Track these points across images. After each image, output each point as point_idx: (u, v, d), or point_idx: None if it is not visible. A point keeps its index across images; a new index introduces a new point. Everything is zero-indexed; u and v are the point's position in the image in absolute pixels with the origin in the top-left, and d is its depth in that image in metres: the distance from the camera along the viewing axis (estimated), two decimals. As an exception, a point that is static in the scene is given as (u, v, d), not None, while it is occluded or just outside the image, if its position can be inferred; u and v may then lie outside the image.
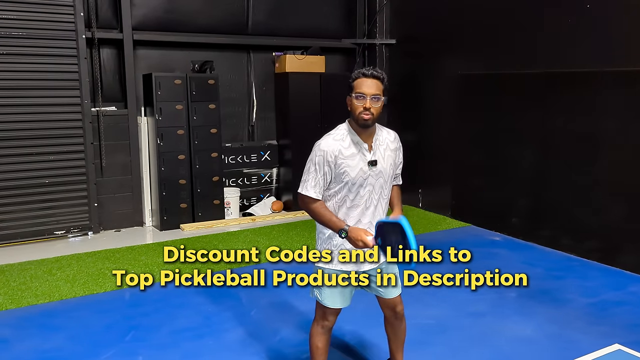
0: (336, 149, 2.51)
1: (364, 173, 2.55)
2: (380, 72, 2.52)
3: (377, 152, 2.60)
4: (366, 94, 2.48)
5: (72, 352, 3.43)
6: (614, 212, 4.98)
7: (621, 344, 3.49)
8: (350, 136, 2.55)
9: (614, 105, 4.92)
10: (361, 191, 2.57)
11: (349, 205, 2.58)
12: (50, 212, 5.90)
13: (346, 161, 2.52)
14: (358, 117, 2.49)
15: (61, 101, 5.84)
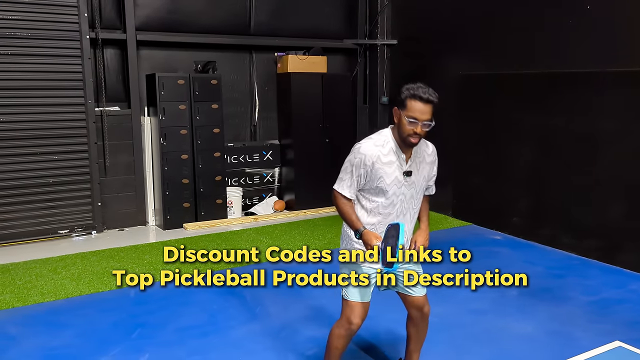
0: (375, 154, 2.57)
1: (399, 182, 2.62)
2: (435, 96, 2.54)
3: (414, 163, 2.67)
4: (419, 119, 2.51)
5: (80, 349, 3.47)
6: (613, 211, 5.02)
7: (622, 341, 3.53)
8: (391, 144, 2.61)
9: (613, 106, 4.97)
10: (395, 199, 2.64)
11: (383, 212, 2.65)
12: (54, 211, 5.94)
13: (384, 168, 2.59)
14: (406, 138, 2.55)
15: (65, 101, 5.89)
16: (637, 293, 4.39)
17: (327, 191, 7.84)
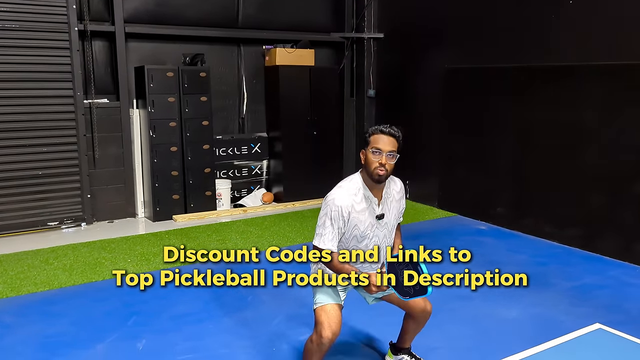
0: (349, 204, 2.62)
1: (372, 226, 2.69)
2: (397, 130, 2.63)
3: (385, 205, 2.73)
4: (383, 150, 2.58)
5: (76, 336, 3.52)
6: (594, 201, 5.19)
7: (601, 324, 3.68)
8: (363, 191, 2.67)
9: (594, 98, 5.12)
10: (368, 242, 2.72)
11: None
12: (43, 203, 5.95)
13: (358, 216, 2.65)
14: (373, 171, 2.60)
15: (54, 93, 5.88)
16: (616, 279, 4.55)
17: (315, 183, 7.96)
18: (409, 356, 3.11)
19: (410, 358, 3.11)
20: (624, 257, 4.93)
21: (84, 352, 3.34)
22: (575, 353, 3.35)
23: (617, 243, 5.01)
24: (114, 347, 3.40)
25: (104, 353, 3.33)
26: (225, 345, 3.43)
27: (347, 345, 3.44)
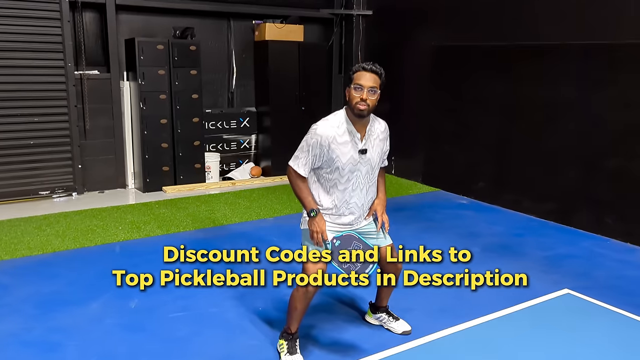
0: (331, 135, 2.73)
1: (354, 160, 2.78)
2: (379, 68, 2.74)
3: (368, 141, 2.83)
4: (364, 85, 2.68)
5: (71, 295, 3.68)
6: (570, 177, 5.40)
7: (570, 289, 3.91)
8: (346, 124, 2.77)
9: (574, 77, 5.30)
10: (350, 176, 2.81)
11: (340, 188, 2.83)
12: (34, 172, 6.05)
13: (339, 148, 2.74)
14: (355, 106, 2.70)
15: (45, 64, 5.94)
16: (587, 249, 4.79)
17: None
18: (386, 314, 3.30)
19: (387, 316, 3.30)
20: (596, 230, 5.17)
21: (79, 309, 3.50)
22: (544, 315, 3.57)
23: (590, 217, 5.24)
24: (107, 305, 3.57)
25: (99, 310, 3.50)
26: (214, 304, 3.60)
27: (329, 305, 3.63)
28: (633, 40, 4.80)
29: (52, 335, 3.18)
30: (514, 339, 3.23)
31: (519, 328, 3.37)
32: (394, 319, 3.30)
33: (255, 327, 3.31)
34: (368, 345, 3.13)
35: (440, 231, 5.23)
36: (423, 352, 3.09)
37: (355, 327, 3.36)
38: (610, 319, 3.50)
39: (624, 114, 4.92)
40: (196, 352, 3.02)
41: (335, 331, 3.28)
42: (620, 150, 4.97)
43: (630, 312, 3.56)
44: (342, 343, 3.16)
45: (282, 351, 2.94)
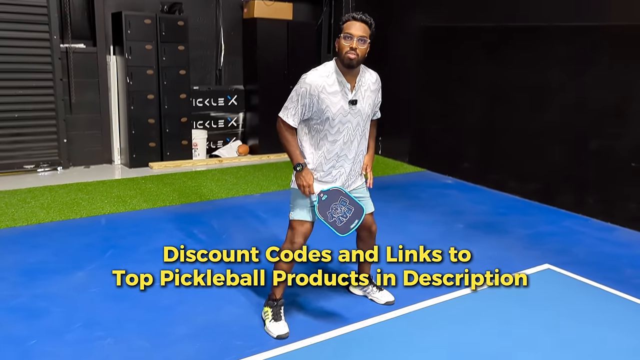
0: (320, 84, 2.69)
1: (344, 111, 2.75)
2: (369, 18, 2.71)
3: (359, 92, 2.80)
4: (354, 35, 2.65)
5: (57, 265, 3.68)
6: (554, 158, 5.48)
7: (550, 264, 3.99)
8: (335, 75, 2.73)
9: (560, 58, 5.35)
10: (340, 127, 2.77)
11: (330, 140, 2.79)
12: (19, 146, 5.99)
13: (329, 97, 2.70)
14: (344, 56, 2.66)
15: (29, 35, 5.86)
16: (568, 228, 4.88)
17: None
18: (370, 284, 3.35)
19: (371, 286, 3.35)
20: (578, 210, 5.26)
21: (64, 277, 3.51)
22: (524, 287, 3.63)
23: (572, 197, 5.32)
24: (92, 274, 3.57)
25: (84, 279, 3.50)
26: (200, 275, 3.62)
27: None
28: (618, 23, 4.85)
29: (37, 301, 3.18)
30: (496, 311, 3.29)
31: (500, 300, 3.43)
32: (378, 289, 3.35)
33: (240, 296, 3.34)
34: (351, 313, 3.18)
35: (425, 209, 5.28)
36: (405, 321, 3.14)
37: (340, 296, 3.40)
38: (589, 293, 3.58)
39: (605, 95, 4.98)
40: (181, 320, 3.05)
41: (319, 300, 3.32)
42: (602, 131, 5.04)
43: (608, 287, 3.65)
44: (326, 311, 3.20)
45: (266, 318, 2.97)
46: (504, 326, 3.11)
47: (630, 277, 3.83)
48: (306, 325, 3.03)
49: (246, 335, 2.91)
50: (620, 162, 4.91)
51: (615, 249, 4.40)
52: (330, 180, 2.88)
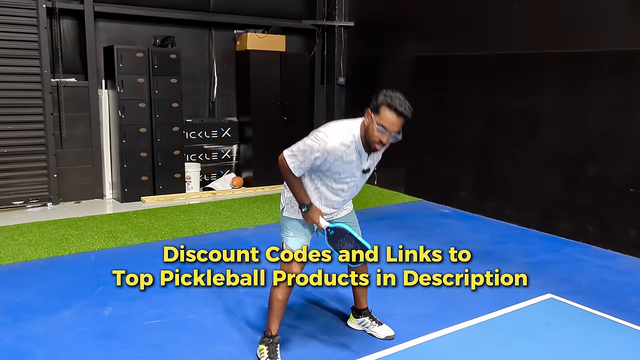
0: (339, 154, 2.57)
1: (355, 176, 2.73)
2: (410, 111, 2.56)
3: (371, 159, 2.76)
4: (389, 129, 2.53)
5: (44, 303, 3.55)
6: (551, 185, 5.42)
7: (553, 294, 3.89)
8: (355, 145, 2.61)
9: (551, 86, 5.35)
10: (345, 187, 2.75)
11: (332, 192, 2.74)
12: (8, 181, 5.89)
13: (343, 166, 2.63)
14: (371, 143, 2.57)
15: (20, 70, 5.83)
16: (569, 256, 4.78)
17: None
18: (369, 318, 3.23)
19: (370, 320, 3.23)
20: (578, 237, 5.17)
21: (51, 317, 3.37)
22: (528, 318, 3.53)
23: (571, 224, 5.25)
24: (81, 312, 3.44)
25: (71, 318, 3.36)
26: (193, 312, 3.50)
27: (311, 309, 3.55)
28: (607, 49, 4.86)
29: (21, 343, 3.04)
30: (499, 344, 3.17)
31: (503, 332, 3.32)
32: (377, 323, 3.23)
33: (234, 334, 3.21)
34: (349, 350, 3.05)
35: (423, 239, 5.18)
36: (406, 356, 3.02)
37: (338, 331, 3.28)
38: (594, 323, 3.48)
39: (601, 121, 4.96)
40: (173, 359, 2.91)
41: (316, 336, 3.20)
42: (598, 157, 5.00)
43: (612, 316, 3.55)
44: (324, 348, 3.07)
45: (262, 356, 2.85)
46: (505, 359, 2.99)
47: (635, 306, 3.74)
48: (304, 363, 2.90)
49: (240, 375, 2.77)
50: (618, 188, 4.86)
51: (618, 276, 4.31)
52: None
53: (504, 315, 3.56)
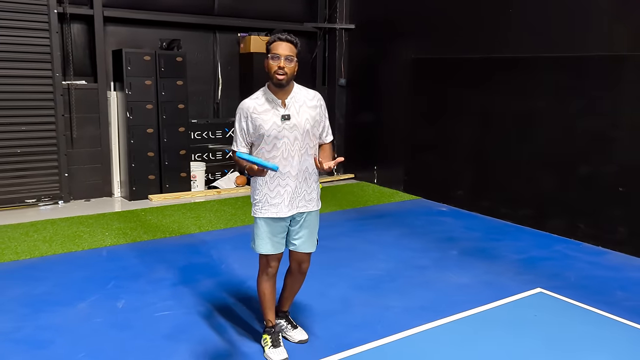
0: (251, 106, 2.85)
1: (278, 126, 2.82)
2: (294, 37, 2.84)
3: (292, 107, 2.86)
4: (281, 54, 2.77)
5: (60, 296, 3.77)
6: (544, 184, 5.62)
7: (543, 288, 4.09)
8: (265, 95, 2.87)
9: (545, 88, 5.54)
10: (277, 143, 2.83)
11: (268, 156, 2.84)
12: (21, 180, 6.11)
13: (260, 116, 2.82)
14: (273, 75, 2.78)
15: (33, 74, 6.04)
16: (560, 252, 4.98)
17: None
18: (285, 321, 3.27)
19: (286, 323, 3.27)
20: (569, 234, 5.37)
21: (67, 308, 3.59)
22: (518, 311, 3.73)
23: (563, 222, 5.45)
24: (95, 305, 3.66)
25: (87, 310, 3.58)
26: (201, 304, 3.71)
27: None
28: (599, 53, 5.06)
29: (41, 333, 3.26)
30: (489, 336, 3.37)
31: (494, 325, 3.51)
32: (293, 327, 3.27)
33: (242, 323, 3.42)
34: (348, 338, 3.25)
35: (419, 236, 5.39)
36: (402, 346, 3.22)
37: (339, 317, 3.47)
38: (581, 316, 3.67)
39: (592, 123, 5.16)
40: (184, 349, 3.12)
41: (317, 321, 3.40)
42: (589, 157, 5.20)
43: (599, 309, 3.74)
44: (326, 334, 3.27)
45: (265, 345, 3.05)
46: (498, 351, 3.19)
47: (621, 300, 3.93)
48: (306, 348, 3.11)
49: (246, 362, 2.99)
50: (608, 187, 5.06)
51: (606, 272, 4.50)
52: (278, 201, 2.89)
53: (495, 308, 3.76)
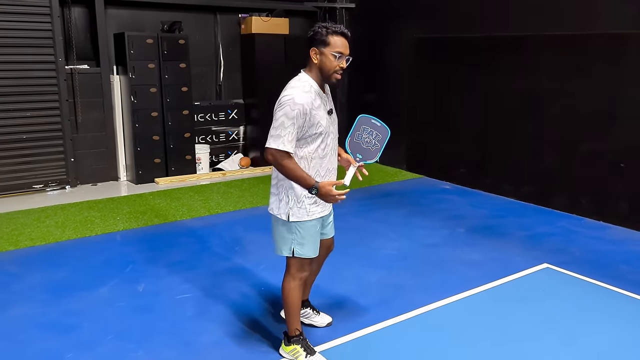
0: (309, 101, 2.53)
1: (328, 122, 2.64)
2: (348, 31, 2.63)
3: (329, 100, 2.74)
4: (344, 54, 2.55)
5: (80, 281, 3.84)
6: (548, 161, 5.71)
7: (549, 264, 4.20)
8: (314, 89, 2.60)
9: (549, 66, 5.59)
10: (327, 140, 2.66)
11: (322, 155, 2.64)
12: (28, 166, 6.14)
13: (317, 112, 2.56)
14: (332, 75, 2.57)
15: (36, 59, 6.02)
16: (564, 228, 5.09)
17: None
18: (310, 309, 3.23)
19: (311, 311, 3.23)
20: (572, 210, 5.48)
21: (89, 293, 3.67)
22: (527, 286, 3.84)
23: (566, 198, 5.55)
24: (116, 289, 3.74)
25: (108, 294, 3.66)
26: (218, 287, 3.79)
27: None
28: (602, 31, 5.10)
29: (66, 317, 3.34)
30: (502, 311, 3.48)
31: (505, 300, 3.63)
32: (316, 312, 3.24)
33: (259, 304, 3.52)
34: (366, 316, 3.36)
35: (426, 215, 5.49)
36: (416, 322, 3.33)
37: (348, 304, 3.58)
38: (587, 289, 3.79)
39: (595, 101, 5.22)
40: (205, 329, 3.21)
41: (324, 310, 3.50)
42: (592, 134, 5.28)
43: (604, 282, 3.87)
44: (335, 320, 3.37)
45: (298, 356, 2.82)
46: (508, 324, 3.30)
47: (625, 273, 4.05)
48: (327, 328, 3.21)
49: (269, 338, 3.08)
50: (610, 163, 5.15)
51: (609, 246, 4.63)
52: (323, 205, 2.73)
53: (504, 284, 3.87)
